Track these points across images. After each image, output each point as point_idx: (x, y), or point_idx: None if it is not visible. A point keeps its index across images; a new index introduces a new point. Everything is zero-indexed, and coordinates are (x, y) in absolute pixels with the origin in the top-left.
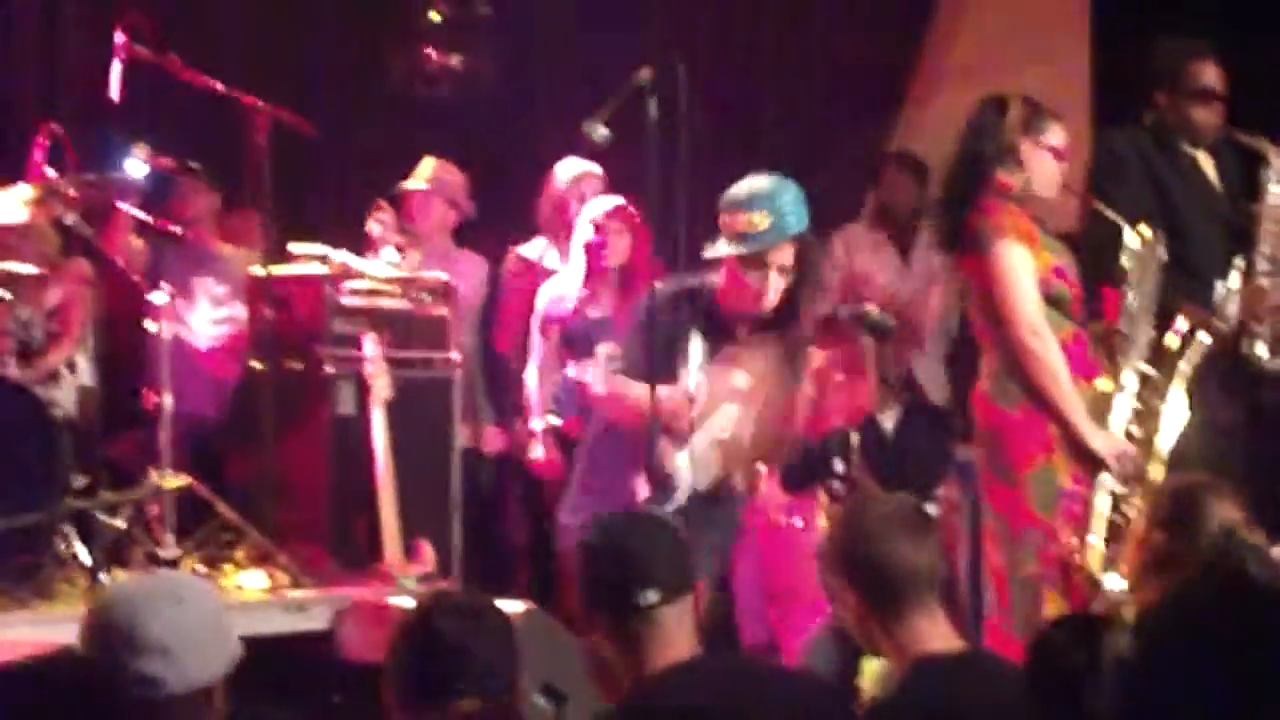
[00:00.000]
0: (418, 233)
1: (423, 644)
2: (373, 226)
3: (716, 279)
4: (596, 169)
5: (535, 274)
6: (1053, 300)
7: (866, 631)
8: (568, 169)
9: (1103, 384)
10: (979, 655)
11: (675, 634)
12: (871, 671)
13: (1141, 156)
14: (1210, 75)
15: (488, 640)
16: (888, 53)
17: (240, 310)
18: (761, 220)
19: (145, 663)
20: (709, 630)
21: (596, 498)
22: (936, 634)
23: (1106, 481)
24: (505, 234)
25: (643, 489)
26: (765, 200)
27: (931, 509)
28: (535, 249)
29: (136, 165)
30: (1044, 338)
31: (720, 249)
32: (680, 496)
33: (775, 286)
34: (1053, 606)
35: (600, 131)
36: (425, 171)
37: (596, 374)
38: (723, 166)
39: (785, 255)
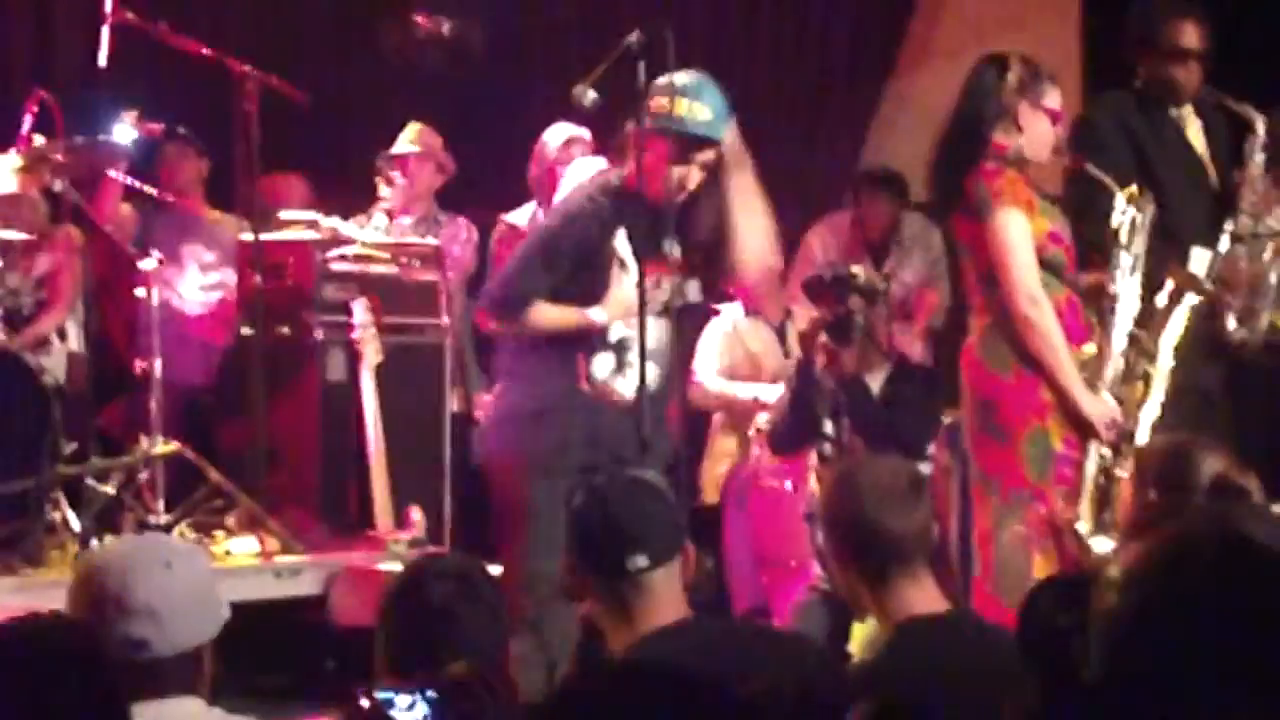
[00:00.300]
0: (408, 197)
1: (412, 608)
2: (384, 190)
3: (624, 171)
4: (585, 134)
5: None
6: (1048, 265)
7: (854, 594)
8: (557, 134)
9: (1089, 348)
10: (964, 617)
11: (665, 598)
12: (860, 635)
13: (1120, 122)
14: (1189, 34)
15: (477, 604)
16: (877, 23)
17: (230, 276)
18: (704, 112)
19: (133, 626)
20: (699, 594)
21: None
22: (923, 598)
23: (1097, 445)
24: (494, 200)
25: None
26: (711, 95)
27: (925, 468)
28: (524, 215)
29: (125, 130)
30: (1042, 306)
31: (665, 126)
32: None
33: (695, 181)
34: (1040, 568)
35: (590, 96)
36: (411, 135)
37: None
38: None
39: (709, 156)
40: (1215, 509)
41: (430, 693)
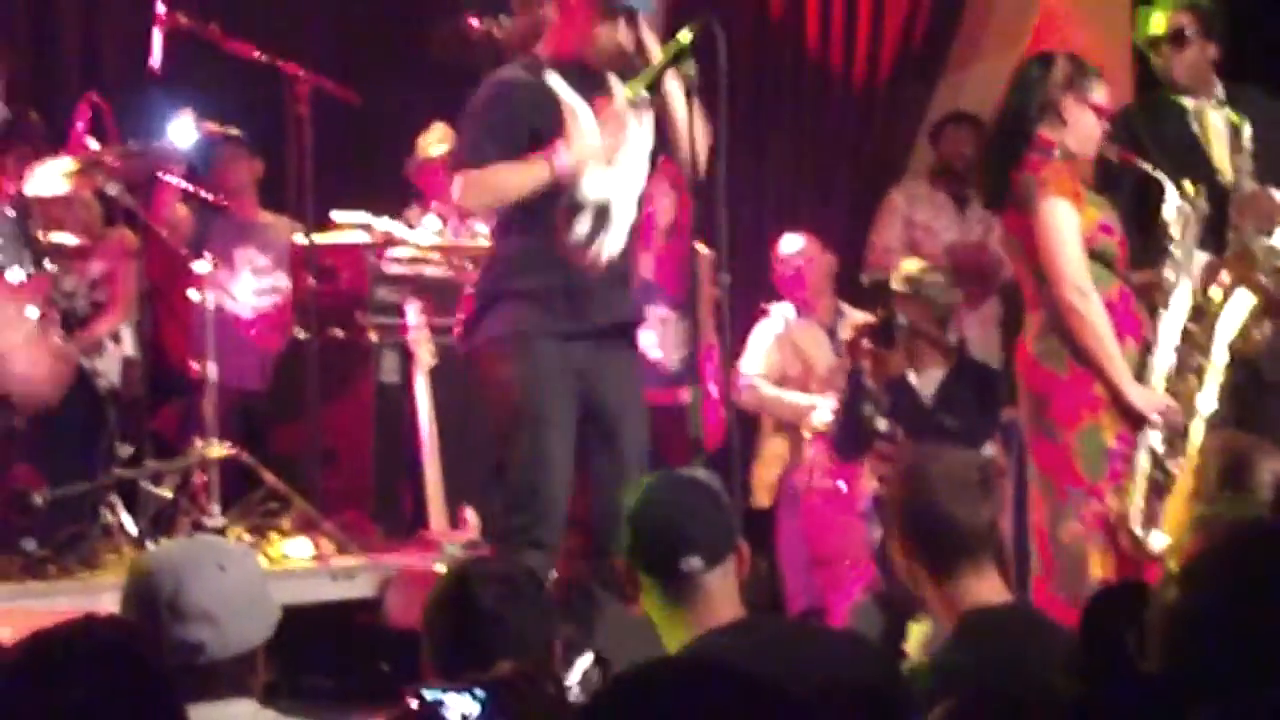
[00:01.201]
0: (446, 197)
1: (458, 612)
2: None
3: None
4: None
5: None
6: (1099, 256)
7: (916, 583)
8: None
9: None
10: (1027, 609)
11: (720, 598)
12: (917, 635)
13: (1124, 118)
14: (1155, 21)
15: (523, 607)
16: (931, 17)
17: (282, 280)
18: None
19: (188, 628)
20: (754, 595)
21: None
22: (987, 590)
23: (1149, 438)
24: None
25: None
26: None
27: None
28: None
29: (185, 130)
30: (1089, 296)
31: None
32: None
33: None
34: (1097, 566)
35: (643, 95)
36: (445, 134)
37: None
38: (764, 130)
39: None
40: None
41: (479, 692)
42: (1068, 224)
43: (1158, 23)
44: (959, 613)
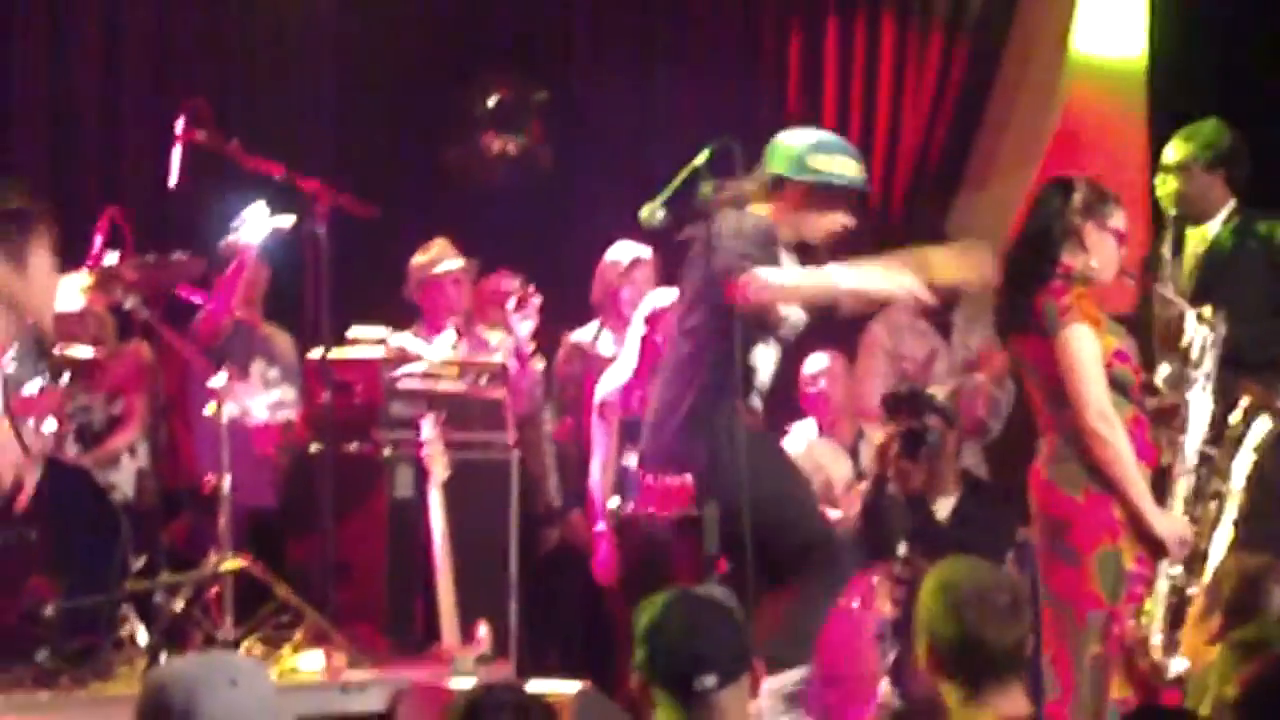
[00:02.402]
0: (458, 311)
1: None
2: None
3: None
4: (647, 253)
5: (588, 359)
6: (1115, 383)
7: (940, 693)
8: (620, 254)
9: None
10: None
11: (733, 716)
12: None
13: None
14: (1166, 150)
15: None
16: (947, 136)
17: (292, 393)
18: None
19: None
20: None
21: None
22: (1011, 707)
23: (1167, 564)
24: (558, 316)
25: None
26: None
27: None
28: (589, 333)
29: (257, 220)
30: (1112, 422)
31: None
32: None
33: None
34: (1118, 690)
35: (660, 215)
36: (448, 249)
37: None
38: None
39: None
40: None
41: None
42: (1091, 350)
43: (1167, 151)
44: None
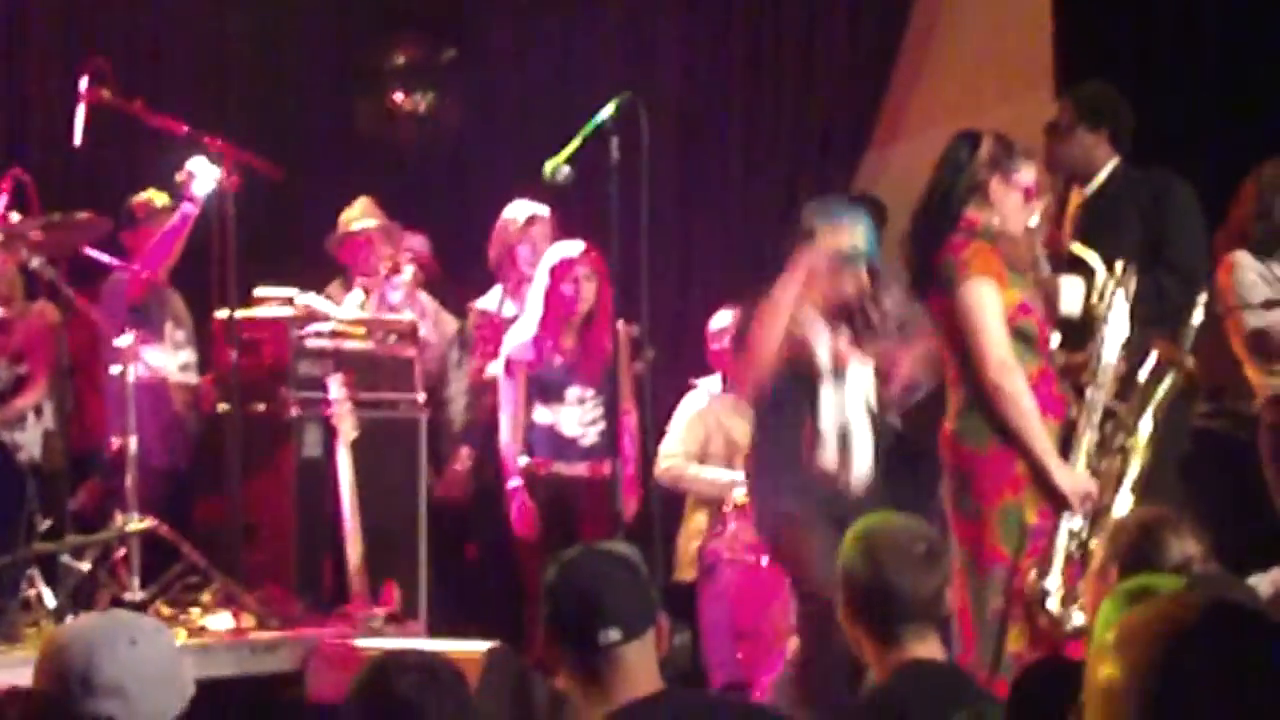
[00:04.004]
0: (370, 271)
1: (376, 700)
2: (407, 271)
3: None
4: (544, 210)
5: (495, 325)
6: (1020, 336)
7: (858, 645)
8: (517, 210)
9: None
10: (962, 670)
11: (638, 671)
12: None
13: None
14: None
15: (442, 698)
16: (853, 99)
17: (192, 355)
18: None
19: (99, 703)
20: (674, 668)
21: None
22: (926, 652)
23: (1069, 518)
24: (469, 279)
25: None
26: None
27: None
28: (494, 300)
29: (203, 173)
30: (1013, 374)
31: None
32: None
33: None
34: (1017, 643)
35: (564, 172)
36: (369, 208)
37: None
38: (690, 206)
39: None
40: (1204, 580)
41: None
42: (990, 304)
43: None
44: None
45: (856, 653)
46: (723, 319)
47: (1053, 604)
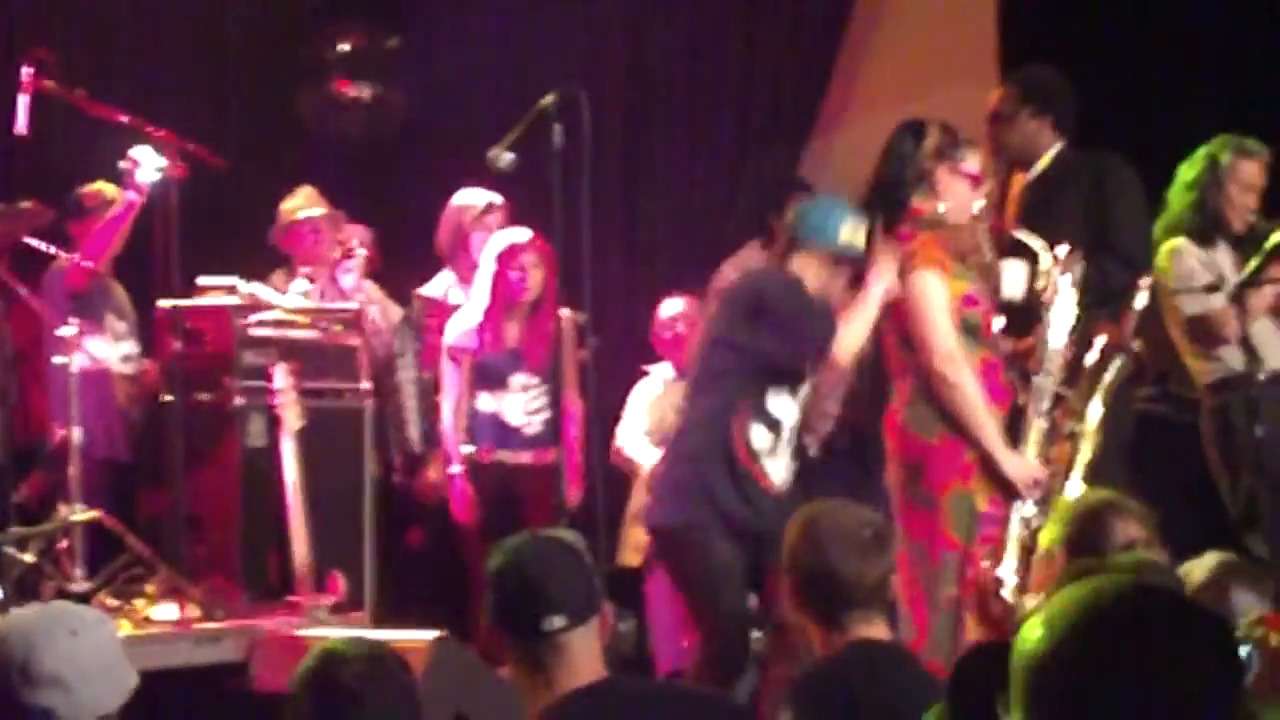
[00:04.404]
0: (316, 260)
1: (320, 688)
2: (360, 254)
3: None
4: (499, 199)
5: (443, 312)
6: (965, 327)
7: (804, 630)
8: (473, 197)
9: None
10: (906, 650)
11: (582, 658)
12: None
13: None
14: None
15: (386, 687)
16: (796, 84)
17: (135, 346)
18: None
19: (40, 694)
20: (619, 655)
21: None
22: (871, 634)
23: (1021, 505)
24: (409, 265)
25: None
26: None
27: None
28: (439, 287)
29: (148, 161)
30: (959, 364)
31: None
32: None
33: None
34: (971, 630)
35: (505, 158)
36: (313, 197)
37: None
38: (634, 192)
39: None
40: (1127, 564)
41: None
42: (936, 295)
43: (994, 98)
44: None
45: (803, 640)
46: (672, 307)
47: (1007, 592)
